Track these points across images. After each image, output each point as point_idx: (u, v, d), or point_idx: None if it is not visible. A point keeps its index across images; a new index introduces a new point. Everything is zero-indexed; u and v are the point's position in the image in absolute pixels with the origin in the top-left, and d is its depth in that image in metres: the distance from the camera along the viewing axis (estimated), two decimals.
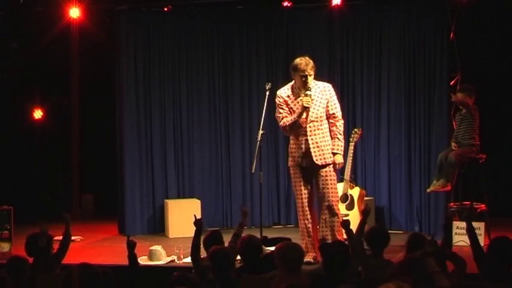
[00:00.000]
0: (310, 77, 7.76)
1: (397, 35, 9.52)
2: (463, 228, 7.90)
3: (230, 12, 10.17)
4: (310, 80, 7.75)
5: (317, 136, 7.82)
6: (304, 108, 7.70)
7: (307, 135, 7.82)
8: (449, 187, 8.59)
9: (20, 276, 5.84)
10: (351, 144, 8.94)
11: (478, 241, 6.00)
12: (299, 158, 7.85)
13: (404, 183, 9.54)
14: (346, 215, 8.59)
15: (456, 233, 8.26)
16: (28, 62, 10.80)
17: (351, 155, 8.91)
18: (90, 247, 9.13)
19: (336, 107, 7.92)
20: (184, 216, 9.58)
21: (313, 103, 7.74)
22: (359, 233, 6.40)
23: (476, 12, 9.24)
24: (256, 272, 5.93)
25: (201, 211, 9.71)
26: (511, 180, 9.85)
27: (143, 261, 7.84)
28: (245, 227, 7.02)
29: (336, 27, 9.91)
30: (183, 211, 9.65)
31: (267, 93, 8.40)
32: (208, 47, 10.12)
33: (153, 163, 9.98)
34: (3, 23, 10.39)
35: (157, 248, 8.14)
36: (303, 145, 7.83)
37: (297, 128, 7.81)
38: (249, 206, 9.96)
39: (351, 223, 6.58)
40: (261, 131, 8.34)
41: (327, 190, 7.81)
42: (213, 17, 10.12)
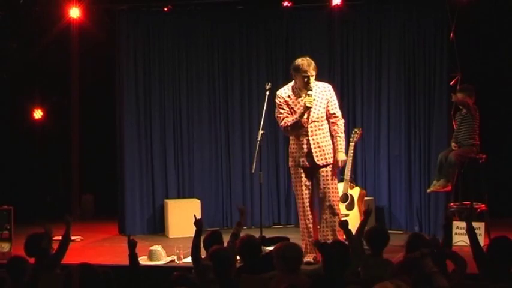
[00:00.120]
0: (312, 78, 7.76)
1: (397, 35, 9.52)
2: (463, 228, 7.90)
3: (230, 12, 10.17)
4: (312, 80, 7.75)
5: (318, 136, 7.83)
6: (307, 108, 7.70)
7: (308, 136, 7.82)
8: (450, 187, 8.59)
9: (20, 276, 5.84)
10: (351, 144, 8.93)
11: (478, 241, 5.99)
12: (300, 158, 7.85)
13: (404, 183, 9.54)
14: (346, 215, 8.59)
15: (456, 233, 8.25)
16: (28, 62, 10.79)
17: (351, 155, 8.91)
18: (90, 247, 9.13)
19: (336, 106, 7.93)
20: (184, 216, 9.58)
21: (314, 103, 7.75)
22: (359, 233, 6.39)
23: (476, 12, 9.24)
24: (256, 271, 5.93)
25: (201, 211, 9.71)
26: (511, 180, 9.85)
27: (143, 261, 7.84)
28: (244, 227, 7.03)
29: (336, 27, 9.90)
30: (183, 211, 9.65)
31: (267, 93, 8.41)
32: (208, 47, 10.12)
33: (153, 163, 9.97)
34: (3, 23, 10.39)
35: (157, 248, 8.14)
36: (304, 145, 7.83)
37: (299, 128, 7.81)
38: (249, 206, 9.97)
39: (349, 223, 6.58)
40: (261, 131, 8.35)
41: (328, 190, 7.82)
42: (213, 17, 10.12)
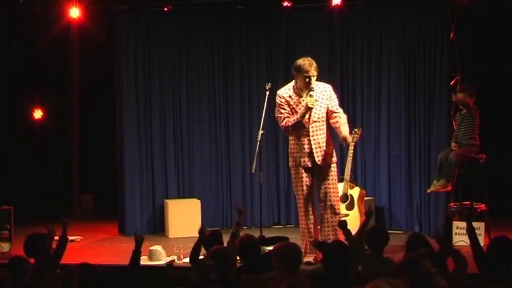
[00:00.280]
0: (314, 78, 7.76)
1: (397, 35, 9.53)
2: (463, 228, 7.91)
3: (230, 12, 10.17)
4: (313, 81, 7.75)
5: (319, 136, 7.82)
6: (308, 108, 7.69)
7: (309, 136, 7.81)
8: (450, 187, 8.59)
9: (20, 276, 5.83)
10: (351, 144, 8.93)
11: (478, 241, 5.99)
12: (301, 158, 7.84)
13: (404, 183, 9.54)
14: (346, 215, 8.59)
15: (456, 233, 8.26)
16: (28, 62, 10.79)
17: (351, 155, 8.90)
18: (90, 247, 9.13)
19: (336, 105, 7.92)
20: (184, 216, 9.62)
21: (316, 104, 7.75)
22: (360, 233, 6.39)
23: (476, 12, 9.24)
24: (256, 271, 5.93)
25: (201, 211, 9.73)
26: (511, 180, 9.85)
27: (143, 261, 7.83)
28: (244, 227, 7.02)
29: (336, 27, 9.91)
30: (183, 211, 9.67)
31: (267, 93, 8.42)
32: (208, 47, 10.12)
33: (153, 163, 9.97)
34: (3, 23, 10.38)
35: (157, 248, 8.14)
36: (305, 145, 7.82)
37: (300, 128, 7.81)
38: (249, 206, 9.98)
39: (349, 223, 6.58)
40: (261, 131, 8.35)
41: (329, 190, 7.81)
42: (213, 17, 10.12)
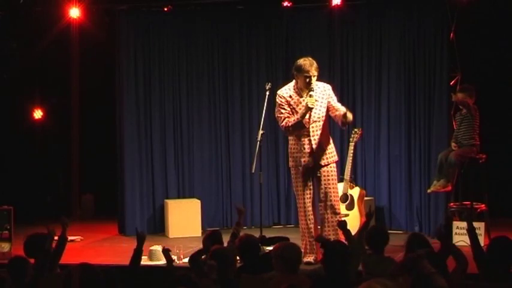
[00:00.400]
0: (314, 78, 7.75)
1: (397, 35, 9.52)
2: (463, 228, 7.92)
3: (230, 12, 10.17)
4: (313, 81, 7.74)
5: (319, 136, 7.82)
6: (309, 108, 7.68)
7: (309, 136, 7.81)
8: (450, 187, 8.59)
9: (21, 276, 5.84)
10: (351, 144, 8.95)
11: (478, 241, 5.99)
12: (301, 158, 7.84)
13: (404, 183, 9.54)
14: (346, 215, 8.60)
15: (456, 233, 8.26)
16: (28, 62, 10.79)
17: (351, 155, 8.93)
18: (90, 247, 9.13)
19: (336, 101, 7.90)
20: (184, 216, 9.62)
21: (316, 104, 7.74)
22: (360, 234, 6.39)
23: (476, 12, 9.24)
24: (256, 271, 5.93)
25: (201, 211, 9.73)
26: (511, 180, 9.85)
27: (143, 261, 7.83)
28: (244, 227, 7.02)
29: (336, 27, 9.91)
30: (183, 211, 9.67)
31: (267, 93, 8.42)
32: (208, 47, 10.12)
33: (153, 163, 9.97)
34: (3, 23, 10.38)
35: (157, 248, 8.13)
36: (306, 145, 7.82)
37: (300, 128, 7.80)
38: (249, 206, 9.98)
39: (349, 223, 6.58)
40: (261, 131, 8.35)
41: (329, 190, 7.81)
42: (213, 17, 10.12)
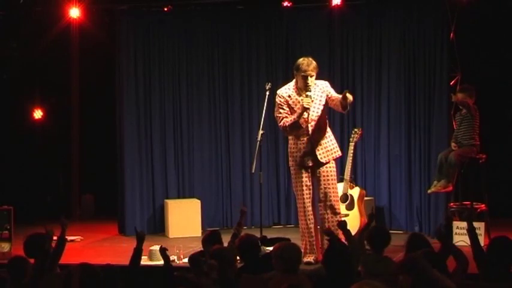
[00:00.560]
0: (312, 78, 7.75)
1: (397, 35, 9.52)
2: (463, 228, 7.91)
3: (230, 12, 10.17)
4: (310, 80, 7.74)
5: (318, 135, 7.82)
6: (305, 109, 7.68)
7: (309, 135, 7.81)
8: (451, 187, 8.59)
9: (20, 276, 5.84)
10: (351, 144, 8.95)
11: (478, 241, 5.99)
12: (301, 157, 7.84)
13: (404, 183, 9.54)
14: (346, 215, 8.59)
15: (456, 233, 8.26)
16: (28, 62, 10.79)
17: (351, 155, 8.92)
18: (90, 247, 9.13)
19: (335, 93, 7.84)
20: (184, 216, 9.62)
21: (313, 103, 7.73)
22: (361, 234, 6.38)
23: (476, 12, 9.24)
24: (257, 272, 5.93)
25: (201, 211, 9.73)
26: (511, 180, 9.85)
27: (143, 261, 7.83)
28: (244, 227, 7.02)
29: (336, 27, 9.90)
30: (183, 211, 9.67)
31: (267, 93, 8.42)
32: (208, 47, 10.12)
33: (153, 163, 9.97)
34: (3, 23, 10.39)
35: (157, 248, 8.12)
36: (305, 145, 7.82)
37: (297, 128, 7.80)
38: (249, 206, 9.97)
39: (349, 223, 6.57)
40: (261, 131, 8.35)
41: (329, 190, 7.81)
42: (213, 17, 10.12)
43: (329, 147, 7.86)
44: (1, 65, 10.85)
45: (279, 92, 7.93)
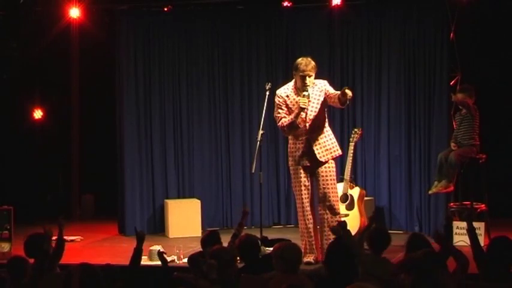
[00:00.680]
0: (310, 78, 7.74)
1: (397, 35, 9.52)
2: (463, 228, 7.91)
3: (230, 12, 10.17)
4: (308, 80, 7.73)
5: (317, 134, 7.82)
6: (301, 109, 7.68)
7: (307, 134, 7.81)
8: (452, 188, 8.59)
9: (20, 276, 5.84)
10: (351, 144, 8.95)
11: (478, 241, 5.99)
12: (300, 157, 7.84)
13: (404, 183, 9.54)
14: (346, 215, 8.60)
15: (456, 233, 8.26)
16: (28, 62, 10.79)
17: (351, 155, 8.93)
18: (90, 247, 9.13)
19: (333, 90, 7.81)
20: (184, 216, 9.62)
21: (310, 103, 7.71)
22: (361, 235, 6.38)
23: (476, 12, 9.24)
24: (257, 272, 5.92)
25: (201, 211, 9.73)
26: (511, 180, 9.85)
27: (143, 261, 7.82)
28: (244, 227, 7.02)
29: (336, 27, 9.91)
30: (183, 211, 9.67)
31: (267, 93, 8.41)
32: (208, 47, 10.12)
33: (153, 163, 9.97)
34: (3, 23, 10.38)
35: (157, 248, 8.13)
36: (304, 144, 7.82)
37: (295, 128, 7.79)
38: (249, 206, 9.94)
39: (349, 223, 6.57)
40: (261, 131, 8.35)
41: (328, 190, 7.80)
42: (213, 17, 10.12)
43: (328, 146, 7.85)
44: (1, 65, 10.84)
45: (277, 92, 7.93)
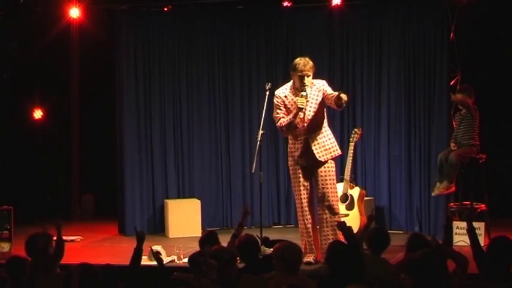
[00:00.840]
0: (308, 78, 7.73)
1: (397, 35, 9.52)
2: (463, 228, 7.91)
3: (230, 12, 10.17)
4: (306, 80, 7.72)
5: (316, 134, 7.81)
6: (299, 109, 7.68)
7: (306, 134, 7.81)
8: (453, 188, 8.59)
9: (20, 276, 5.84)
10: (351, 144, 8.95)
11: (478, 241, 6.00)
12: (299, 157, 7.84)
13: (404, 183, 9.54)
14: (346, 215, 8.60)
15: (456, 233, 8.25)
16: (28, 62, 10.79)
17: (351, 155, 8.93)
18: (90, 247, 9.13)
19: (331, 90, 7.80)
20: (184, 216, 9.62)
21: (308, 103, 7.70)
22: (361, 235, 6.37)
23: (476, 12, 9.24)
24: (258, 272, 5.92)
25: (201, 211, 9.73)
26: (511, 180, 9.85)
27: (143, 261, 7.82)
28: (245, 227, 7.02)
29: (336, 27, 9.91)
30: (183, 211, 9.67)
31: (267, 93, 8.40)
32: (208, 47, 10.12)
33: (153, 163, 9.97)
34: (3, 23, 10.39)
35: (157, 248, 8.13)
36: (303, 144, 7.82)
37: (293, 128, 7.79)
38: (249, 206, 9.95)
39: (349, 223, 6.56)
40: (261, 131, 8.34)
41: (327, 190, 7.80)
42: (213, 17, 10.12)
43: (327, 146, 7.84)
44: (1, 65, 10.84)
45: (276, 92, 7.94)
